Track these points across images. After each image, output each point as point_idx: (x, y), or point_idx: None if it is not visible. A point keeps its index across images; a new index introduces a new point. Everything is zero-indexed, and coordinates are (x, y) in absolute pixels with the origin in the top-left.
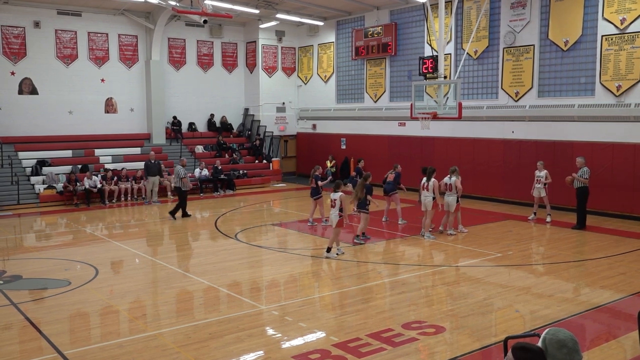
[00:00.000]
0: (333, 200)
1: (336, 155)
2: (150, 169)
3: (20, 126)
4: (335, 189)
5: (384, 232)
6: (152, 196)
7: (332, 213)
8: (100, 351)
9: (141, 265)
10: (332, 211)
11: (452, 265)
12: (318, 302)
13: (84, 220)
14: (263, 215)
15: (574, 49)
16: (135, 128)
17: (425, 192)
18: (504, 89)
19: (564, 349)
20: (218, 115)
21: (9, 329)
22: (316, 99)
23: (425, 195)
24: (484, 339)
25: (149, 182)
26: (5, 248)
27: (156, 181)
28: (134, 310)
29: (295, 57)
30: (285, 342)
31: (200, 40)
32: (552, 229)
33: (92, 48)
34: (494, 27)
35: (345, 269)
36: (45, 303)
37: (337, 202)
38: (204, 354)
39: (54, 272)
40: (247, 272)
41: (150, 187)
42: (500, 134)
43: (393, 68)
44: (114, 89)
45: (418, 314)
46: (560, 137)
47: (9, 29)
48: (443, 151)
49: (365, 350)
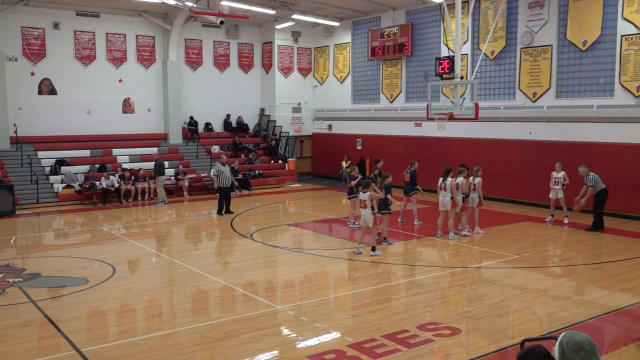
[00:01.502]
0: (363, 201)
1: (352, 155)
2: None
3: (39, 126)
4: (364, 189)
5: (399, 233)
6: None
7: (365, 213)
8: (117, 349)
9: (157, 264)
10: (364, 212)
11: (468, 267)
12: (333, 302)
13: (102, 219)
14: (278, 215)
15: (593, 49)
16: (152, 128)
17: (443, 192)
18: (521, 90)
19: (582, 351)
20: (234, 116)
21: (28, 326)
22: (332, 100)
23: (444, 195)
24: (501, 341)
25: (159, 181)
26: (24, 246)
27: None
28: (150, 308)
29: (311, 58)
30: (301, 342)
31: (216, 40)
32: (570, 231)
33: (110, 49)
34: (512, 27)
35: (361, 270)
36: (63, 301)
37: (367, 203)
38: (219, 353)
39: (72, 270)
40: (263, 272)
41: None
42: (517, 135)
43: (409, 68)
44: (131, 90)
45: (434, 315)
46: (579, 138)
47: (29, 30)
48: (459, 152)
49: (381, 351)
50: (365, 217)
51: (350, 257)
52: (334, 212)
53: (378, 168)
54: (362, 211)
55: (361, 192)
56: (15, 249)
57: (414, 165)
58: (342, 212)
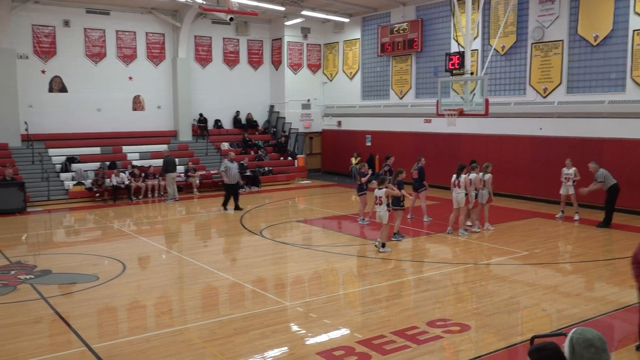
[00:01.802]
0: (379, 197)
1: (361, 152)
2: (171, 165)
3: (50, 123)
4: (379, 185)
5: (409, 229)
6: (173, 193)
7: (380, 210)
8: (127, 345)
9: (167, 261)
10: (379, 208)
11: (477, 263)
12: (342, 299)
13: (112, 216)
14: (288, 212)
15: (604, 44)
16: (162, 125)
17: (457, 189)
18: (532, 85)
19: (592, 348)
20: (244, 112)
21: (40, 323)
22: (341, 96)
23: (457, 192)
24: (510, 338)
25: (169, 178)
26: (35, 243)
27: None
28: (160, 305)
29: (320, 54)
30: (310, 338)
31: (226, 37)
32: (580, 227)
33: (120, 46)
34: (522, 22)
35: (370, 266)
36: (74, 297)
37: (382, 199)
38: (229, 349)
39: (82, 267)
40: (272, 269)
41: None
42: (528, 131)
43: (419, 64)
44: (141, 87)
45: (443, 311)
46: (590, 134)
47: (39, 28)
48: (469, 148)
49: (390, 347)
50: (381, 214)
51: (359, 253)
52: (343, 209)
53: (388, 165)
54: (377, 208)
55: (377, 189)
56: (26, 246)
57: (421, 161)
58: (351, 208)
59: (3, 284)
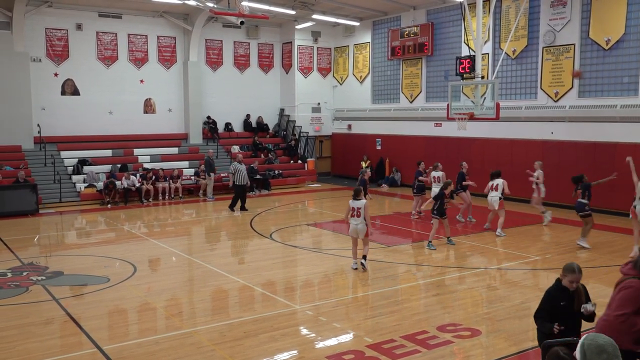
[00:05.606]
0: (357, 209)
1: (371, 156)
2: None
3: (62, 126)
4: (355, 197)
5: (414, 233)
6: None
7: (358, 223)
8: (137, 347)
9: (178, 264)
10: (356, 221)
11: (488, 268)
12: (352, 302)
13: (123, 218)
14: (298, 215)
15: (616, 47)
16: (173, 128)
17: (493, 192)
18: (543, 89)
19: (604, 354)
20: (254, 116)
21: (51, 324)
22: (351, 100)
23: (492, 195)
24: (521, 344)
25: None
26: (47, 245)
27: None
28: (170, 307)
29: (330, 58)
30: (319, 342)
31: (237, 41)
32: (593, 232)
33: (132, 49)
34: (533, 26)
35: (380, 270)
36: (85, 299)
37: (361, 212)
38: (238, 352)
39: (93, 269)
40: (282, 272)
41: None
42: (539, 135)
43: (429, 68)
44: (152, 90)
45: (453, 316)
46: (602, 138)
47: (52, 31)
48: (480, 152)
49: (400, 352)
50: (358, 228)
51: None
52: None
53: (419, 170)
54: (353, 221)
55: (351, 200)
56: (38, 247)
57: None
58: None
59: (15, 284)
